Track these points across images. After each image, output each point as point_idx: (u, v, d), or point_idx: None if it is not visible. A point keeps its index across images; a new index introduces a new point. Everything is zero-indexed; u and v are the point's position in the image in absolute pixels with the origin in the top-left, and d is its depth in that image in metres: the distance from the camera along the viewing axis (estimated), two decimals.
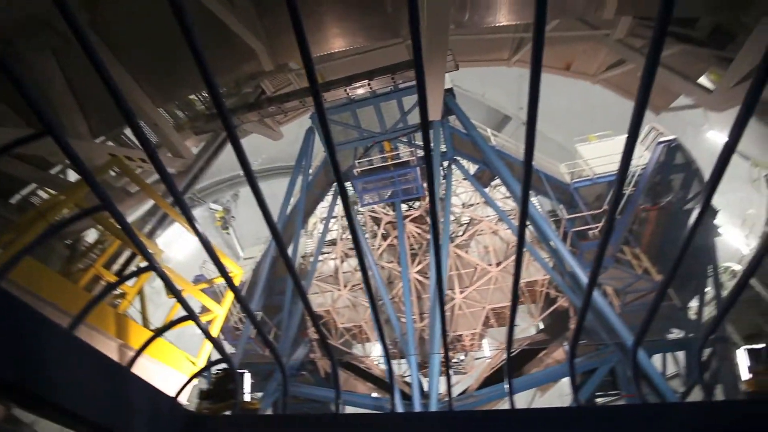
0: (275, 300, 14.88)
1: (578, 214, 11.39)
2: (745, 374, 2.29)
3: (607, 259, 10.43)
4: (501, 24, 6.55)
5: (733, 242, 15.66)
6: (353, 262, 16.44)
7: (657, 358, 13.76)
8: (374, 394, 15.57)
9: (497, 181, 13.59)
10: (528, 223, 13.09)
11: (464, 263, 14.72)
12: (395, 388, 9.85)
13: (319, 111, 1.51)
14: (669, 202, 11.18)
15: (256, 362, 13.18)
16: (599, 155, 12.51)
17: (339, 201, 16.09)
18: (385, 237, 15.94)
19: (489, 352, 17.58)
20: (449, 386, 2.02)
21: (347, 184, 13.09)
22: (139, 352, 2.66)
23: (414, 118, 13.60)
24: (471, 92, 22.41)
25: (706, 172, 11.57)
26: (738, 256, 14.53)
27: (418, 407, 10.80)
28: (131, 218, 8.35)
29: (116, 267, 6.22)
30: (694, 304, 12.51)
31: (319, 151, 14.56)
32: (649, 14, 6.83)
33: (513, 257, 12.04)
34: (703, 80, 7.83)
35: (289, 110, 8.88)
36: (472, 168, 13.00)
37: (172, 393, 2.11)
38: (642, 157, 11.67)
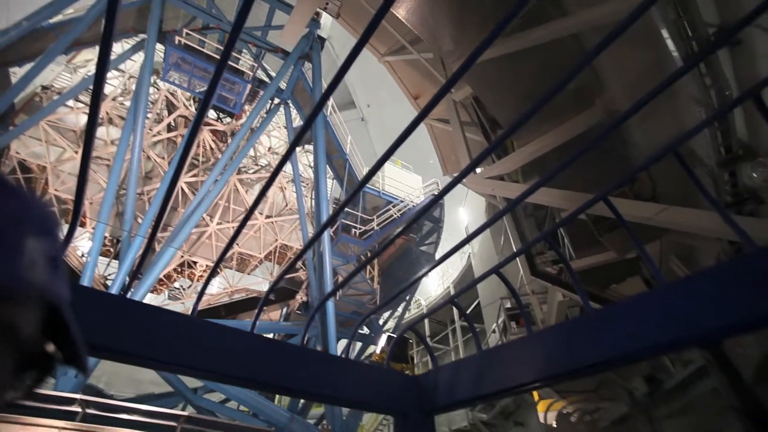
0: None
1: (354, 211, 12.86)
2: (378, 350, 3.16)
3: (352, 256, 12.17)
4: (398, 15, 6.73)
5: (431, 285, 21.09)
6: (115, 132, 13.30)
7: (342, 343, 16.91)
8: None
9: (310, 147, 13.86)
10: (311, 196, 13.87)
11: (238, 200, 14.22)
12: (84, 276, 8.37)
13: None
14: (412, 237, 14.08)
15: None
16: (395, 178, 14.62)
17: (137, 59, 12.84)
18: (170, 129, 13.67)
19: (216, 289, 17.39)
20: (133, 277, 1.90)
21: (158, 46, 10.63)
22: None
23: (275, 38, 12.41)
24: (339, 60, 22.29)
25: (446, 232, 15.23)
26: (427, 294, 19.77)
27: None
28: None
29: None
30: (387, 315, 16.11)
31: None
32: (482, 98, 8.53)
33: (283, 218, 12.40)
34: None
35: None
36: (297, 122, 12.83)
37: None
38: (419, 197, 14.32)
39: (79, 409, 5.16)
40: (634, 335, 1.61)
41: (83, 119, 13.18)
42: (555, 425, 8.03)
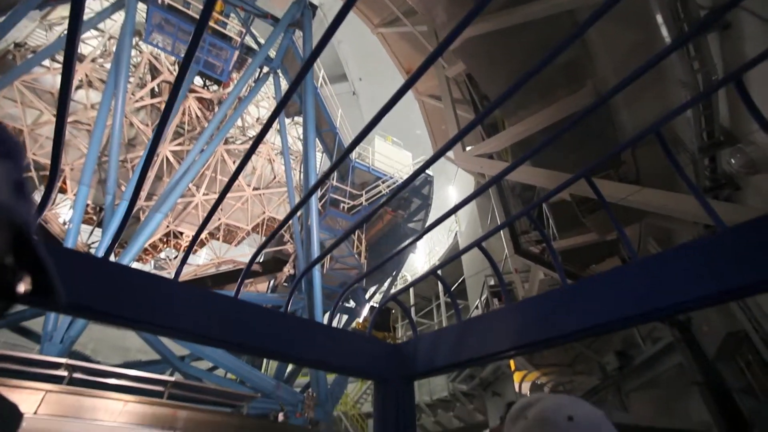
0: None
1: (343, 186, 12.81)
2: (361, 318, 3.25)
3: (339, 230, 12.20)
4: None
5: (418, 261, 21.39)
6: (95, 96, 12.80)
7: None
8: None
9: (300, 119, 13.60)
10: (300, 169, 13.71)
11: (225, 171, 14.00)
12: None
13: None
14: (400, 214, 14.14)
15: None
16: (385, 155, 14.52)
17: (118, 18, 12.22)
18: (154, 94, 13.20)
19: (203, 260, 17.31)
20: (115, 241, 1.89)
21: (140, 6, 10.11)
22: None
23: (265, 4, 11.92)
24: None
25: (435, 210, 15.32)
26: (414, 271, 20.02)
27: None
28: None
29: None
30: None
31: None
32: (474, 75, 8.44)
33: (271, 190, 12.30)
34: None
35: None
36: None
37: None
38: (408, 173, 14.30)
39: (65, 373, 5.20)
40: (606, 307, 1.69)
41: (58, 80, 12.61)
42: (529, 394, 8.44)
